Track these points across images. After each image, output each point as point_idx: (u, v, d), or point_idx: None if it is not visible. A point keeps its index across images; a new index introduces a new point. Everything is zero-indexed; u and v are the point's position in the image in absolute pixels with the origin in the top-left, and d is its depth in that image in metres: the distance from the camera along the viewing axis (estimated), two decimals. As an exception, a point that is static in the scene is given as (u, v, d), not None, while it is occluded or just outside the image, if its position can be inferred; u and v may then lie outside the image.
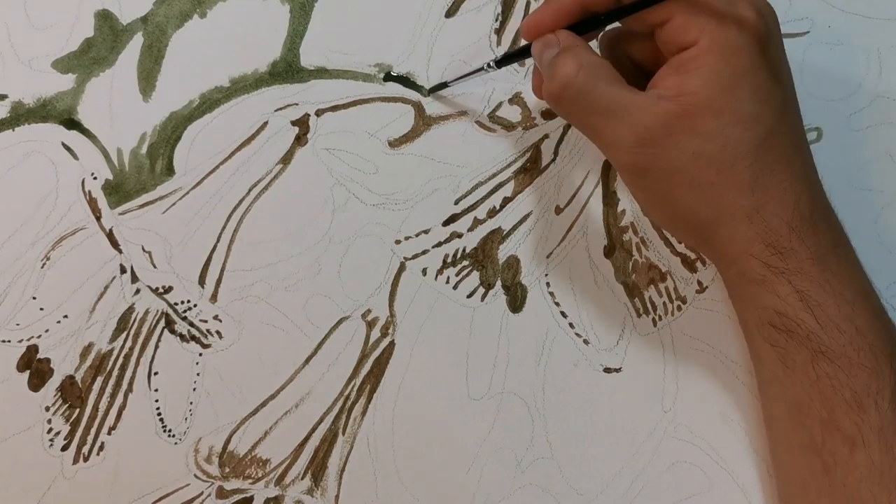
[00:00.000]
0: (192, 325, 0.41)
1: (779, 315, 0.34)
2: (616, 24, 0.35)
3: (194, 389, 0.41)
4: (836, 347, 0.33)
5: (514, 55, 0.38)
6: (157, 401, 0.41)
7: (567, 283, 0.42)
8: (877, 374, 0.33)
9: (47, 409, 0.40)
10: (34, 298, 0.40)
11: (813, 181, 0.35)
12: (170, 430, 0.41)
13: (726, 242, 0.34)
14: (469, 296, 0.42)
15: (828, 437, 0.34)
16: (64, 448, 0.40)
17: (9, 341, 0.40)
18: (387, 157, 0.42)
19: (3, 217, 0.40)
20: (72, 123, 0.41)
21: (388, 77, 0.42)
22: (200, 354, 0.41)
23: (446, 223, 0.42)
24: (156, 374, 0.41)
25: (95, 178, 0.41)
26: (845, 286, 0.34)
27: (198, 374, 0.41)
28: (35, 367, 0.40)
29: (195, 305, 0.41)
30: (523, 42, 0.36)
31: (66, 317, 0.41)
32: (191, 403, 0.41)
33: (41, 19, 0.41)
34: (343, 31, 0.42)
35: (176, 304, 0.41)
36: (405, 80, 0.42)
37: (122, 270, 0.41)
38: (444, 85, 0.41)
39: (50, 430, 0.40)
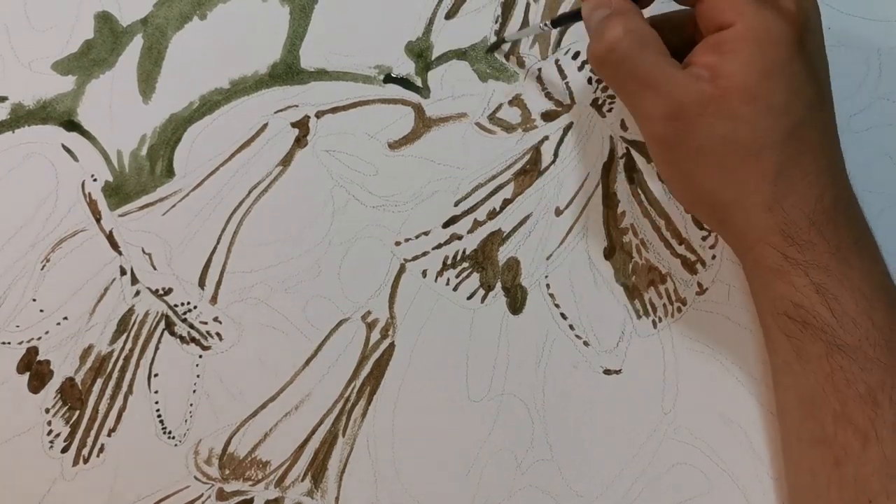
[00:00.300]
0: (192, 326, 0.41)
1: (795, 306, 0.34)
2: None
3: (194, 391, 0.41)
4: (852, 342, 0.33)
5: (570, 16, 0.38)
6: (157, 403, 0.41)
7: (567, 284, 0.42)
8: (892, 370, 0.33)
9: (47, 410, 0.40)
10: (34, 300, 0.40)
11: (839, 176, 0.35)
12: (170, 432, 0.41)
13: (744, 228, 0.34)
14: (469, 297, 0.42)
15: (840, 431, 0.34)
16: (64, 450, 0.40)
17: (9, 343, 0.40)
18: (387, 158, 0.42)
19: (3, 219, 0.41)
20: (72, 125, 0.41)
21: (389, 79, 0.42)
22: (200, 356, 0.41)
23: (446, 225, 0.42)
24: (156, 375, 0.41)
25: (95, 180, 0.41)
26: (864, 281, 0.34)
27: (198, 376, 0.41)
28: (35, 369, 0.40)
29: (195, 307, 0.41)
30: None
31: (66, 319, 0.41)
32: (191, 405, 0.41)
33: (41, 21, 0.41)
34: (343, 33, 0.42)
35: (176, 305, 0.41)
36: (405, 82, 0.42)
37: (122, 272, 0.41)
38: (501, 41, 0.42)
39: (50, 432, 0.40)
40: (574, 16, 0.37)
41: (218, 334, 0.41)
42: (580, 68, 0.42)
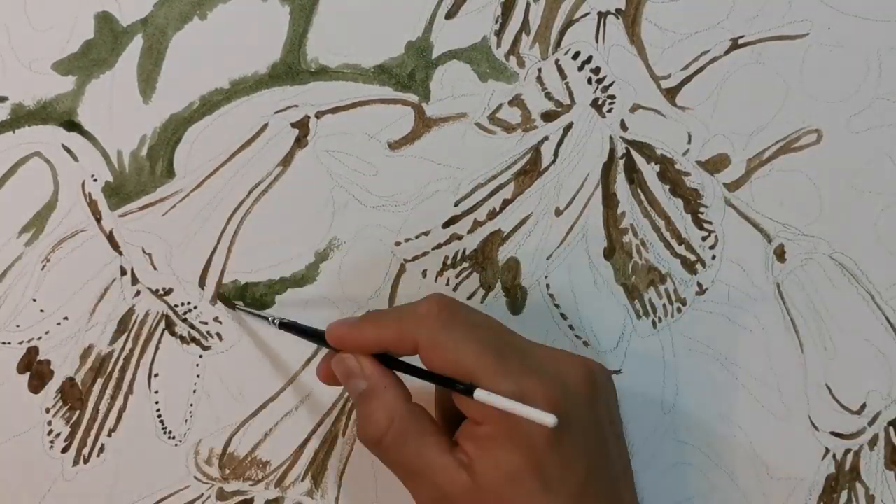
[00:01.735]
0: (192, 326, 0.41)
1: None
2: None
3: (194, 391, 0.41)
4: None
5: (304, 333, 0.38)
6: (157, 403, 0.41)
7: (567, 285, 0.42)
8: None
9: (47, 410, 0.40)
10: (34, 300, 0.40)
11: None
12: (170, 432, 0.41)
13: None
14: (469, 298, 0.42)
15: None
16: (64, 450, 0.40)
17: (9, 343, 0.40)
18: (387, 158, 0.42)
19: (4, 219, 0.41)
20: (72, 125, 0.41)
21: (389, 78, 0.42)
22: (200, 356, 0.41)
23: (446, 225, 0.42)
24: (156, 375, 0.41)
25: (96, 180, 0.41)
26: None
27: (198, 376, 0.41)
28: (35, 369, 0.40)
29: (195, 307, 0.41)
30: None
31: (66, 319, 0.41)
32: (191, 405, 0.41)
33: (41, 21, 0.41)
34: (343, 33, 0.42)
35: (176, 305, 0.41)
36: (405, 82, 0.42)
37: (123, 272, 0.41)
38: (233, 306, 0.41)
39: (50, 432, 0.40)
40: (314, 336, 0.37)
41: (218, 334, 0.41)
42: (580, 68, 0.42)
